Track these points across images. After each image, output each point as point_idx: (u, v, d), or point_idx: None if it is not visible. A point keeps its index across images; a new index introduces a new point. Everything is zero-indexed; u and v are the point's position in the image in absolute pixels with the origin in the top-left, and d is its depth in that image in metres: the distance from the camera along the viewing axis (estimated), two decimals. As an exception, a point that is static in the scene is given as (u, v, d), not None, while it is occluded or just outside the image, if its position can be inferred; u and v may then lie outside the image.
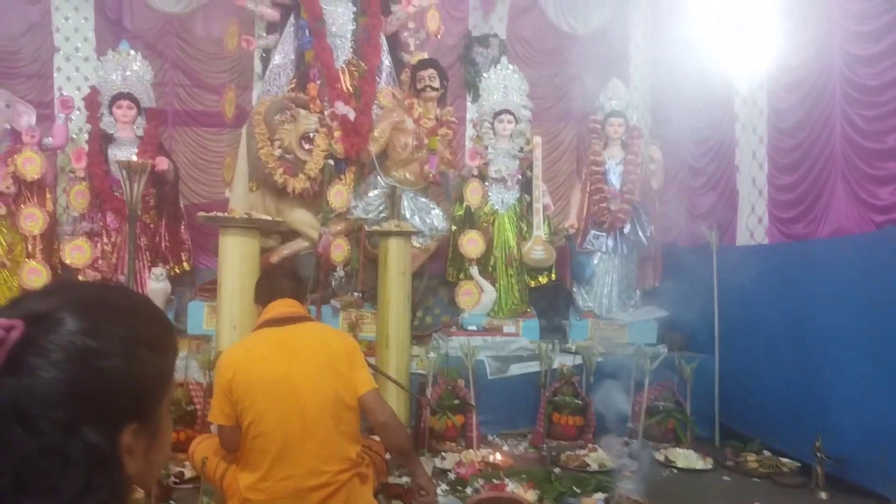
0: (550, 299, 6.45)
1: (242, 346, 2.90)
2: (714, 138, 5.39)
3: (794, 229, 4.40)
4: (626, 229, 5.91)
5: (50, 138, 5.71)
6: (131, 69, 5.76)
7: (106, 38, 6.44)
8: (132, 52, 5.82)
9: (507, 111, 6.00)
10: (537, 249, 5.96)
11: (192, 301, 5.76)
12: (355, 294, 5.70)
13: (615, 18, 7.03)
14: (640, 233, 5.91)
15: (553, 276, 6.15)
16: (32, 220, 5.42)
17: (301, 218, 5.79)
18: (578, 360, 5.07)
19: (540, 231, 5.96)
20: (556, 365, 4.95)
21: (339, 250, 5.65)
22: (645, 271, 6.04)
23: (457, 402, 4.59)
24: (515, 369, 5.11)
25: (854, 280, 3.75)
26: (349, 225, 5.83)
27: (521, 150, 6.07)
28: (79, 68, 6.49)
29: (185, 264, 6.15)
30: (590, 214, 5.99)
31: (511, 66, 6.15)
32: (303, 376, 2.72)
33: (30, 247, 5.51)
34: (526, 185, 6.08)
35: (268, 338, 2.89)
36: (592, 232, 5.97)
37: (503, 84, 6.07)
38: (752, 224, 4.95)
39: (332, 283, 5.79)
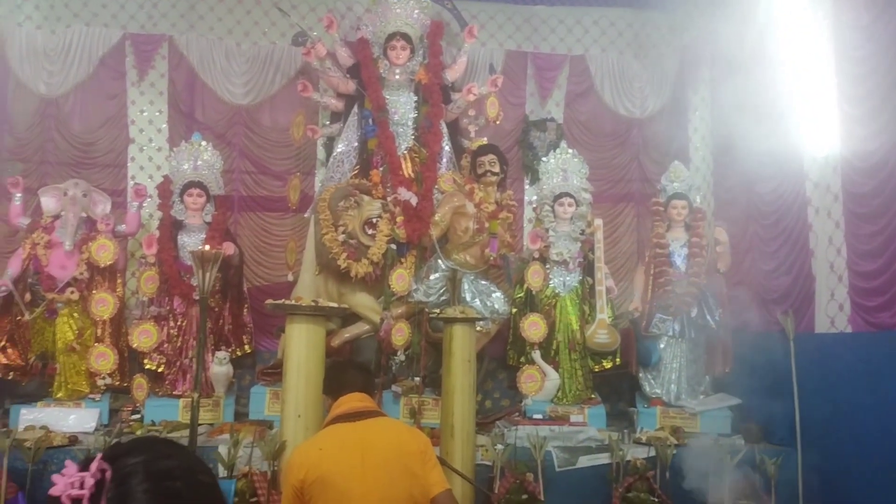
0: (614, 384, 6.26)
1: (314, 444, 2.84)
2: (785, 222, 5.27)
3: (881, 318, 4.20)
4: (693, 313, 5.74)
5: (123, 225, 5.91)
6: (202, 159, 5.98)
7: (178, 130, 6.73)
8: (203, 142, 6.05)
9: (568, 194, 6.01)
10: (601, 333, 5.82)
11: (254, 386, 5.76)
12: (416, 379, 5.63)
13: (673, 102, 7.07)
14: (708, 316, 5.73)
15: (618, 360, 5.98)
16: (103, 304, 5.55)
17: (362, 302, 5.81)
18: (650, 451, 4.85)
19: (603, 314, 5.84)
20: (628, 457, 4.73)
21: (401, 334, 5.63)
22: (714, 357, 5.82)
23: (525, 497, 4.41)
24: (584, 461, 4.89)
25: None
26: (410, 308, 5.82)
27: (583, 232, 6.03)
28: (151, 158, 6.78)
29: (246, 347, 6.19)
30: (654, 297, 5.85)
31: (570, 150, 6.19)
32: (376, 477, 2.65)
33: (99, 331, 5.62)
34: (588, 268, 6.01)
35: (340, 435, 2.83)
36: (658, 315, 5.81)
37: (563, 168, 6.10)
38: (833, 311, 4.75)
39: (393, 368, 5.74)
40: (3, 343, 5.51)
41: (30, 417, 5.11)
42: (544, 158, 6.30)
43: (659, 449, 4.73)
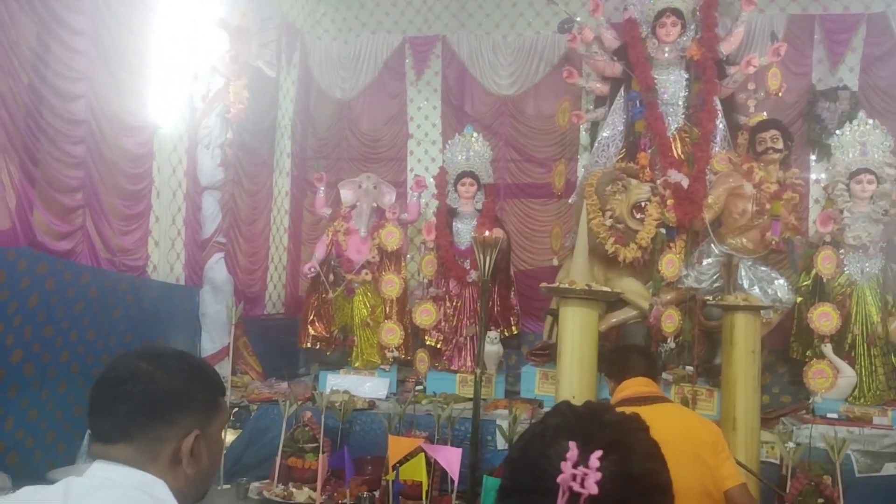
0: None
1: (603, 425, 2.87)
2: None
3: None
4: None
5: (405, 214, 6.48)
6: (473, 150, 6.33)
7: (450, 123, 7.22)
8: (475, 134, 6.41)
9: (868, 170, 5.35)
10: (909, 328, 5.13)
11: (524, 366, 6.00)
12: (688, 368, 5.43)
13: None
14: None
15: (931, 359, 5.22)
16: (391, 285, 6.15)
17: (630, 287, 5.73)
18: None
19: (913, 306, 5.13)
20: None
21: (671, 321, 5.46)
22: None
23: (821, 501, 4.06)
24: (891, 468, 4.39)
25: None
26: (680, 295, 5.62)
27: (886, 212, 5.33)
28: (427, 151, 7.35)
29: (513, 328, 6.45)
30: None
31: (870, 121, 5.49)
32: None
33: (387, 309, 6.23)
34: (892, 253, 5.31)
35: (628, 418, 2.84)
36: None
37: (861, 141, 5.44)
38: None
39: (663, 355, 5.60)
40: (311, 317, 6.38)
41: (334, 382, 5.85)
42: (837, 132, 5.67)
43: None
